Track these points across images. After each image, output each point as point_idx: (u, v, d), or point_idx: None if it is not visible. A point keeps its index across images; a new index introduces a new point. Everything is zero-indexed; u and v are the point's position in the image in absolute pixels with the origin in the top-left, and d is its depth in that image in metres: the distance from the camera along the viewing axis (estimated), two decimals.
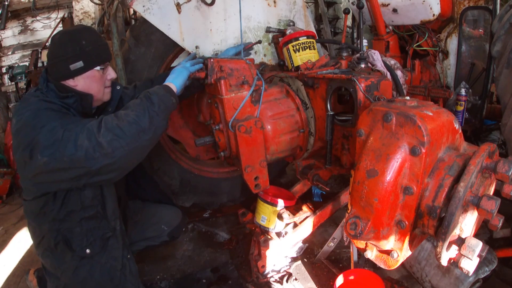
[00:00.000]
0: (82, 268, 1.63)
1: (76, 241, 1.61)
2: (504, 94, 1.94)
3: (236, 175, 2.89)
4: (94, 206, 1.63)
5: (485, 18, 2.56)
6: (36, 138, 1.37)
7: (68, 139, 1.37)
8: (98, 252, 1.65)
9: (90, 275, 1.64)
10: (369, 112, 1.22)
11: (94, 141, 1.37)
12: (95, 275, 1.65)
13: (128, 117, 1.44)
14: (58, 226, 1.59)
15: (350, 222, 1.19)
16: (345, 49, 2.10)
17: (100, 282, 1.67)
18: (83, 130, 1.39)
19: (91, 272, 1.64)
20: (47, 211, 1.57)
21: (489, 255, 1.88)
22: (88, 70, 1.58)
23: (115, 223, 1.72)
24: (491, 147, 1.13)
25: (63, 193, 1.56)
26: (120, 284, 1.72)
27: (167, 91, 1.58)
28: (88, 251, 1.62)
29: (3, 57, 4.55)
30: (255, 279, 2.18)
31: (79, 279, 1.63)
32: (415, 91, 2.64)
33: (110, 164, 1.40)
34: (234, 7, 2.35)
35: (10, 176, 3.83)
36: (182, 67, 1.71)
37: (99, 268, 1.66)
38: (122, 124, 1.42)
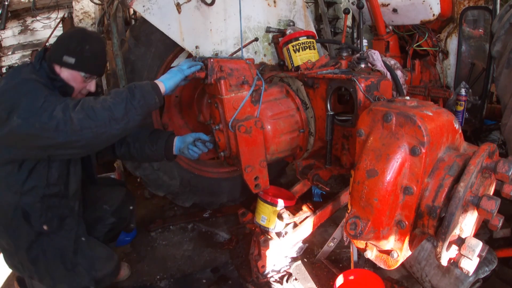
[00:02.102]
0: (36, 245, 1.65)
1: (35, 216, 1.63)
2: (504, 94, 1.94)
3: (236, 175, 2.89)
4: (58, 184, 1.67)
5: (485, 18, 2.56)
6: (18, 101, 1.42)
7: (46, 109, 1.40)
8: (54, 231, 1.67)
9: (42, 253, 1.66)
10: (369, 112, 1.22)
11: (67, 115, 1.40)
12: (47, 253, 1.67)
13: (105, 103, 1.46)
14: (19, 200, 1.61)
15: (350, 222, 1.19)
16: (345, 49, 2.10)
17: (51, 262, 1.69)
18: (61, 103, 1.43)
19: (44, 250, 1.66)
20: (10, 182, 1.60)
21: (489, 255, 1.88)
22: (75, 70, 1.65)
23: (74, 203, 1.75)
24: (491, 147, 1.13)
25: (30, 166, 1.58)
26: (71, 268, 1.73)
27: (153, 89, 1.57)
28: (45, 227, 1.65)
29: (3, 57, 4.55)
30: (255, 279, 2.18)
31: (32, 256, 1.66)
32: (415, 91, 2.64)
33: (76, 141, 1.43)
34: (234, 7, 2.36)
35: None
36: (178, 69, 1.72)
37: (52, 247, 1.68)
38: (97, 107, 1.44)
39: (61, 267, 1.72)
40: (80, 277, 1.76)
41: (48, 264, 1.69)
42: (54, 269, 1.71)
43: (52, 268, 1.71)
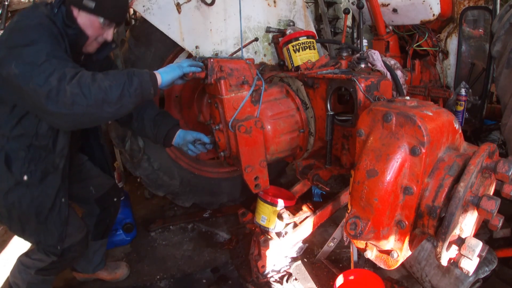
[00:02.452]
0: (13, 193, 1.63)
1: (17, 164, 1.61)
2: (504, 94, 1.94)
3: (236, 175, 2.90)
4: (47, 137, 1.62)
5: (485, 18, 2.56)
6: (21, 48, 1.39)
7: (44, 70, 1.37)
8: (34, 183, 1.65)
9: (18, 202, 1.64)
10: (369, 112, 1.22)
11: (62, 85, 1.37)
12: (23, 204, 1.65)
13: (102, 83, 1.44)
14: (5, 143, 1.59)
15: (350, 222, 1.19)
16: (345, 49, 2.10)
17: (25, 213, 1.67)
18: (60, 70, 1.39)
19: (20, 199, 1.64)
20: (0, 123, 1.57)
21: (489, 255, 1.88)
22: (94, 15, 1.59)
23: (60, 161, 1.71)
24: (491, 147, 1.13)
25: (22, 113, 1.56)
26: (44, 223, 1.71)
27: (151, 80, 1.56)
28: (25, 178, 1.62)
29: None
30: (255, 279, 2.18)
31: (7, 203, 1.64)
32: (415, 91, 2.64)
33: (65, 114, 1.40)
34: (234, 7, 2.36)
35: None
36: (178, 65, 1.70)
37: (29, 199, 1.65)
38: (93, 86, 1.41)
39: (33, 220, 1.70)
40: (50, 234, 1.75)
41: (21, 214, 1.68)
42: (26, 220, 1.70)
43: (24, 219, 1.69)
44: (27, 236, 1.78)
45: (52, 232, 1.75)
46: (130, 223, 2.71)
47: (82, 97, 1.39)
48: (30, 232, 1.75)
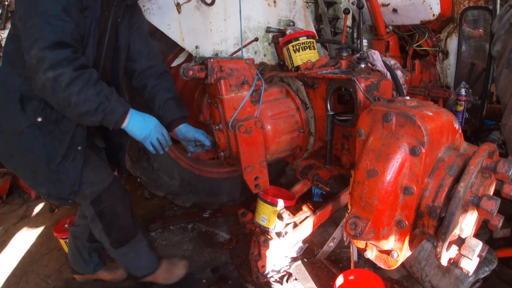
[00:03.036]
0: (26, 135, 1.59)
1: (32, 104, 1.58)
2: (504, 94, 1.94)
3: (236, 175, 2.89)
4: None
5: (485, 18, 2.56)
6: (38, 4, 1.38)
7: (30, 35, 1.37)
8: (48, 127, 1.61)
9: (30, 147, 1.60)
10: (369, 112, 1.22)
11: (40, 67, 1.38)
12: (35, 148, 1.60)
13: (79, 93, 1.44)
14: (21, 84, 1.57)
15: (350, 222, 1.19)
16: (345, 49, 2.11)
17: (36, 159, 1.61)
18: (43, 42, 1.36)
19: (32, 143, 1.60)
20: (17, 62, 1.55)
21: (489, 255, 1.88)
22: None
23: None
24: (491, 147, 1.13)
25: None
26: (55, 172, 1.65)
27: (119, 121, 1.57)
28: (39, 120, 1.59)
29: None
30: (255, 279, 2.18)
31: (20, 146, 1.60)
32: (415, 91, 2.64)
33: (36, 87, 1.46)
34: (234, 7, 2.36)
35: (10, 176, 3.82)
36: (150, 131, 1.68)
37: (41, 143, 1.60)
38: (68, 88, 1.41)
39: (44, 168, 1.63)
40: (61, 185, 1.68)
41: (33, 160, 1.62)
42: (37, 168, 1.64)
43: (35, 166, 1.63)
44: (38, 186, 1.69)
45: (64, 182, 1.68)
46: None
47: (53, 89, 1.41)
48: (40, 182, 1.67)
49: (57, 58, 1.39)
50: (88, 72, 1.47)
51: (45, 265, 2.61)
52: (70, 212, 3.42)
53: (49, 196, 1.72)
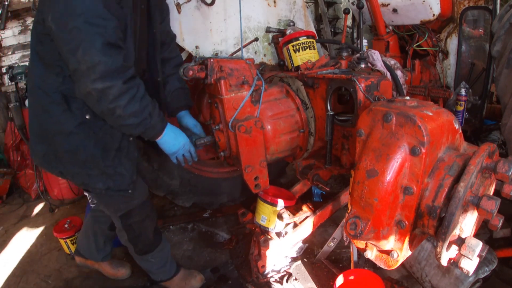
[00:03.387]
0: (76, 135, 1.56)
1: (77, 103, 1.54)
2: (504, 94, 1.94)
3: (236, 175, 2.89)
4: None
5: (485, 18, 2.56)
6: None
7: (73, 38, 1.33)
8: (98, 123, 1.58)
9: (82, 146, 1.57)
10: (369, 112, 1.22)
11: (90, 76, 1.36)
12: (87, 145, 1.58)
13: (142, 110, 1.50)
14: (59, 84, 1.52)
15: (350, 222, 1.19)
16: (345, 49, 2.10)
17: (90, 157, 1.59)
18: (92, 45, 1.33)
19: (84, 141, 1.57)
20: (53, 61, 1.50)
21: (489, 255, 1.88)
22: None
23: None
24: (491, 147, 1.13)
25: None
26: (112, 166, 1.64)
27: (157, 134, 1.64)
28: (87, 117, 1.57)
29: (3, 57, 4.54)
30: (255, 279, 2.18)
31: (70, 147, 1.57)
32: (415, 91, 2.64)
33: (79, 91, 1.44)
34: (234, 7, 2.36)
35: (10, 176, 3.82)
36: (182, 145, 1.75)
37: (94, 140, 1.59)
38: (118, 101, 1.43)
39: (100, 164, 1.61)
40: (119, 177, 1.67)
41: (87, 157, 1.58)
42: (92, 165, 1.61)
43: (90, 164, 1.60)
44: (94, 183, 1.66)
45: (122, 175, 1.68)
46: None
47: (99, 99, 1.40)
48: (96, 178, 1.64)
49: (108, 68, 1.37)
50: (136, 87, 1.48)
51: (45, 265, 2.61)
52: (70, 212, 3.42)
53: (107, 190, 1.68)
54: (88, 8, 1.34)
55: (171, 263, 2.16)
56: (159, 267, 2.11)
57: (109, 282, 2.37)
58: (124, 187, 1.70)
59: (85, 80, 1.37)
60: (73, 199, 3.65)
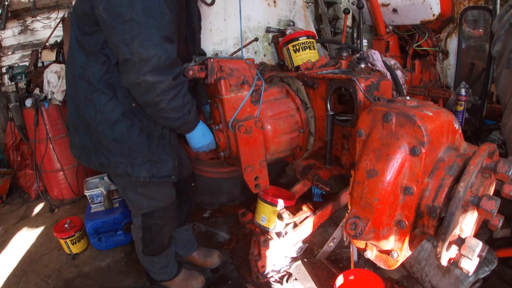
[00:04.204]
0: (121, 123, 1.57)
1: (122, 91, 1.55)
2: (504, 94, 1.93)
3: (236, 175, 2.89)
4: None
5: (485, 18, 2.56)
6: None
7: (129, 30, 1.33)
8: (142, 111, 1.60)
9: (128, 132, 1.58)
10: (369, 112, 1.22)
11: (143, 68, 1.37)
12: (133, 133, 1.59)
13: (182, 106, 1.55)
14: (103, 73, 1.53)
15: (350, 222, 1.19)
16: (345, 49, 2.10)
17: (136, 143, 1.60)
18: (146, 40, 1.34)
19: (130, 128, 1.58)
20: (99, 51, 1.51)
21: (489, 255, 1.88)
22: None
23: None
24: (491, 147, 1.13)
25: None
26: (156, 152, 1.66)
27: (190, 127, 1.69)
28: (133, 105, 1.58)
29: (3, 57, 4.55)
30: (255, 279, 2.18)
31: (115, 135, 1.57)
32: (415, 91, 2.64)
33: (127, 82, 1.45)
34: (234, 7, 2.36)
35: (10, 176, 3.83)
36: (210, 141, 1.83)
37: (139, 127, 1.60)
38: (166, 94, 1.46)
39: (146, 151, 1.62)
40: (163, 164, 1.68)
41: (132, 145, 1.59)
42: (137, 152, 1.61)
43: (135, 150, 1.61)
44: (139, 172, 1.65)
45: (165, 160, 1.70)
46: (130, 223, 2.71)
47: (147, 91, 1.42)
48: (140, 167, 1.65)
49: (161, 63, 1.39)
50: (182, 84, 1.52)
51: (45, 265, 2.61)
52: (70, 212, 3.42)
53: (151, 178, 1.68)
54: (148, 1, 1.34)
55: (173, 264, 2.17)
56: (161, 268, 2.11)
57: (109, 282, 2.37)
58: (167, 173, 1.72)
59: (136, 71, 1.38)
60: (73, 199, 3.66)
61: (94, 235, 2.64)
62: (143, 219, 1.87)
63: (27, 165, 3.85)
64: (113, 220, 2.66)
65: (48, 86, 3.35)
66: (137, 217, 1.90)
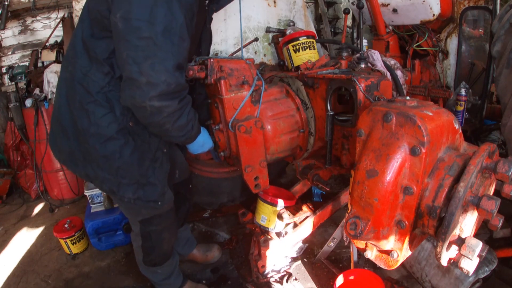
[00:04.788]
0: (115, 140, 1.49)
1: (121, 107, 1.47)
2: (504, 94, 1.93)
3: (236, 175, 2.89)
4: None
5: (485, 18, 2.56)
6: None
7: (142, 49, 1.25)
8: (138, 131, 1.53)
9: (119, 153, 1.50)
10: (369, 112, 1.22)
11: (150, 92, 1.30)
12: (124, 153, 1.51)
13: (186, 124, 1.51)
14: (105, 85, 1.44)
15: (350, 222, 1.19)
16: (345, 49, 2.10)
17: (125, 164, 1.53)
18: (159, 65, 1.26)
19: (122, 148, 1.50)
20: (102, 61, 1.42)
21: (489, 255, 1.88)
22: None
23: None
24: (491, 147, 1.13)
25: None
26: (146, 174, 1.59)
27: (191, 138, 1.64)
28: (130, 124, 1.51)
29: (3, 57, 4.55)
30: (255, 279, 2.18)
31: (106, 152, 1.49)
32: (415, 91, 2.64)
33: (131, 104, 1.38)
34: (234, 7, 2.35)
35: (10, 176, 3.83)
36: (207, 148, 1.83)
37: (132, 147, 1.52)
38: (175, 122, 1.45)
39: (135, 172, 1.55)
40: (150, 188, 1.61)
41: (121, 165, 1.52)
42: (126, 173, 1.54)
43: (124, 171, 1.53)
44: (124, 192, 1.58)
45: (154, 184, 1.62)
46: None
47: (151, 114, 1.37)
48: (126, 187, 1.57)
49: (169, 89, 1.33)
50: (187, 104, 1.48)
51: (45, 265, 2.61)
52: (70, 212, 3.42)
53: (136, 200, 1.62)
54: (170, 22, 1.26)
55: (177, 275, 2.10)
56: (164, 279, 2.04)
57: (109, 282, 2.37)
58: (154, 198, 1.65)
59: (141, 94, 1.31)
60: (73, 199, 3.66)
61: (94, 235, 2.64)
62: (142, 226, 1.81)
63: (27, 165, 3.85)
64: (113, 220, 2.66)
65: (48, 86, 3.36)
66: (135, 224, 1.85)
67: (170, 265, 2.03)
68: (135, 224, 1.85)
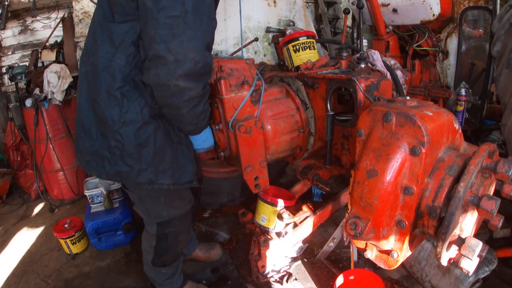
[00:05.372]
0: (148, 126, 1.46)
1: (150, 90, 1.43)
2: (504, 94, 1.93)
3: (236, 175, 2.90)
4: None
5: (485, 18, 2.56)
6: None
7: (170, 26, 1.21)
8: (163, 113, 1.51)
9: (154, 138, 1.48)
10: (369, 112, 1.22)
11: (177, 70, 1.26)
12: (158, 139, 1.50)
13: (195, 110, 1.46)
14: (130, 70, 1.41)
15: (350, 222, 1.19)
16: (345, 49, 2.10)
17: (162, 147, 1.52)
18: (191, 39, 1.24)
19: (156, 134, 1.49)
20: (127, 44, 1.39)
21: (489, 255, 1.88)
22: None
23: None
24: (491, 147, 1.13)
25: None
26: (176, 156, 1.58)
27: (200, 130, 1.65)
28: (157, 106, 1.49)
29: (3, 57, 4.55)
30: (255, 279, 2.18)
31: (140, 139, 1.46)
32: (415, 91, 2.64)
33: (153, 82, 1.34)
34: (234, 7, 2.36)
35: (10, 176, 3.83)
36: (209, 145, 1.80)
37: (163, 132, 1.52)
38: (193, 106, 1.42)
39: (168, 157, 1.53)
40: (183, 169, 1.60)
41: (156, 149, 1.49)
42: (162, 157, 1.52)
43: (160, 155, 1.51)
44: (162, 179, 1.56)
45: (186, 166, 1.62)
46: (130, 223, 2.71)
47: (173, 94, 1.33)
48: (163, 174, 1.55)
49: (197, 69, 1.30)
50: (207, 93, 1.47)
51: (45, 265, 2.61)
52: (70, 212, 3.42)
53: (174, 185, 1.59)
54: (199, 2, 1.25)
55: (179, 275, 2.10)
56: (166, 279, 2.04)
57: (109, 282, 2.37)
58: (189, 179, 1.64)
59: (167, 72, 1.27)
60: (73, 199, 3.66)
61: (94, 235, 2.64)
62: (159, 227, 1.79)
63: (27, 165, 3.85)
64: (113, 220, 2.66)
65: (48, 86, 3.35)
66: (151, 226, 1.82)
67: (175, 265, 2.03)
68: (152, 226, 1.82)
